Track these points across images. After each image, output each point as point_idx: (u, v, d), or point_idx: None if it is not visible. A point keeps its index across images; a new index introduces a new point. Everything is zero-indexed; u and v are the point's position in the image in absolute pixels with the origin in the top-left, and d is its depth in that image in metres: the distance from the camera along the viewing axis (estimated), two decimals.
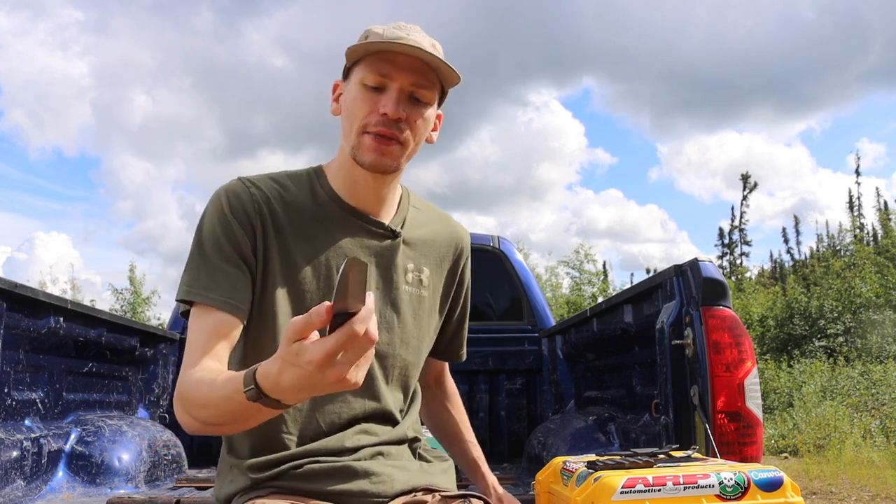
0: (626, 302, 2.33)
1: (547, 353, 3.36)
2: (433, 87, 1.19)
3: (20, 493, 1.98)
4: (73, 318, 2.33)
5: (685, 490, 0.99)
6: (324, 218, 1.22)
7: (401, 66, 1.15)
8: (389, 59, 1.15)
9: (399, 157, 1.18)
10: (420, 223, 1.33)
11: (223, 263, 1.14)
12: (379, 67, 1.15)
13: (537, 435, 2.81)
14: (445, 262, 1.35)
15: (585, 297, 19.46)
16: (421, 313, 1.30)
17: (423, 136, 1.21)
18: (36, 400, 2.20)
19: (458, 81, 1.20)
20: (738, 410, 1.73)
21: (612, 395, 2.69)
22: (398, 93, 1.15)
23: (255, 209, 1.18)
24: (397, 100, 1.15)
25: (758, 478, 1.01)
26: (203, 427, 1.05)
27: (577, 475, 1.13)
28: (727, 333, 1.77)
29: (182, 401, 1.06)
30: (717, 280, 1.82)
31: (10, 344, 2.03)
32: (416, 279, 1.30)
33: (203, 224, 1.18)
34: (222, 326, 1.11)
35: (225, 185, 1.21)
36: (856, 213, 23.12)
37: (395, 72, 1.15)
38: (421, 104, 1.18)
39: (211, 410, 1.01)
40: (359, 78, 1.17)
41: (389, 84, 1.16)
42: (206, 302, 1.12)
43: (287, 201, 1.21)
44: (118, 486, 2.29)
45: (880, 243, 20.67)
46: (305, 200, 1.22)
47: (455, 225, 1.40)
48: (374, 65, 1.15)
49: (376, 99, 1.15)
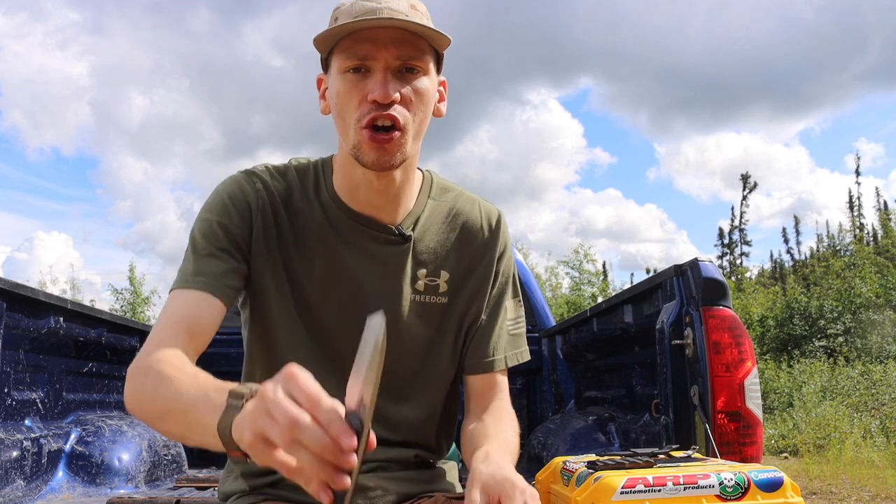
0: (626, 302, 2.34)
1: (547, 353, 3.36)
2: (424, 53, 1.04)
3: (20, 493, 1.98)
4: (73, 318, 2.33)
5: (685, 490, 0.99)
6: (325, 223, 1.13)
7: (381, 41, 1.01)
8: (366, 36, 1.01)
9: (403, 147, 1.05)
10: (439, 218, 1.19)
11: (214, 250, 1.06)
12: (357, 50, 1.02)
13: (537, 435, 2.81)
14: (476, 257, 1.20)
15: (585, 297, 19.45)
16: (436, 322, 1.18)
17: (426, 111, 1.08)
18: (36, 400, 2.20)
19: (449, 43, 1.07)
20: (738, 410, 1.73)
21: (612, 396, 2.69)
22: (384, 72, 1.02)
23: (258, 205, 1.10)
24: (384, 80, 1.01)
25: (758, 478, 1.01)
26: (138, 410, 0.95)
27: (577, 475, 1.12)
28: (727, 333, 1.77)
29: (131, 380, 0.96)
30: (717, 280, 1.82)
31: (11, 344, 2.03)
32: (430, 286, 1.17)
33: (200, 213, 1.11)
34: (199, 307, 1.02)
35: (231, 176, 1.14)
36: (856, 213, 23.13)
37: (376, 49, 1.01)
38: (414, 75, 1.04)
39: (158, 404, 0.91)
40: (338, 66, 1.04)
41: (373, 65, 1.02)
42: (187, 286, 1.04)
43: (290, 202, 1.13)
44: (118, 486, 2.29)
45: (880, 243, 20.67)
46: (309, 202, 1.13)
47: (486, 209, 1.24)
48: (350, 48, 1.02)
49: (362, 85, 1.02)
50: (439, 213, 1.19)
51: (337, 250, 1.13)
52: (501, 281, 1.23)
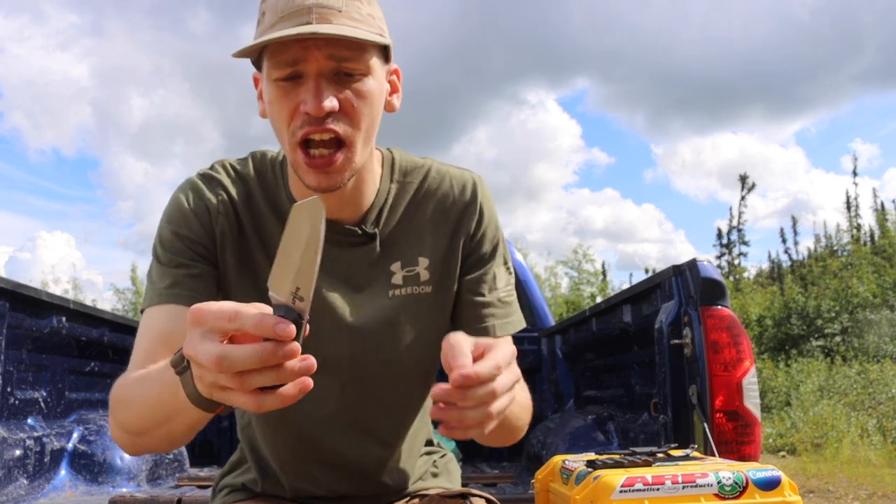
0: (624, 302, 2.35)
1: (546, 353, 3.37)
2: (362, 52, 0.91)
3: (23, 492, 1.99)
4: (75, 317, 2.34)
5: (684, 489, 1.00)
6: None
7: (310, 43, 0.88)
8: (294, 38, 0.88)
9: (348, 164, 0.94)
10: (406, 203, 1.09)
11: (180, 260, 1.00)
12: (284, 56, 0.89)
13: (537, 434, 2.82)
14: (456, 233, 1.10)
15: (584, 297, 19.46)
16: (425, 313, 1.09)
17: (374, 113, 0.96)
18: (38, 399, 2.21)
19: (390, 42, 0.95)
20: (736, 410, 1.74)
21: (611, 395, 2.71)
22: (316, 79, 0.90)
23: (217, 210, 1.03)
24: (317, 89, 0.89)
25: (756, 477, 1.02)
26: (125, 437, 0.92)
27: (577, 474, 1.14)
28: (725, 333, 1.78)
29: (111, 406, 0.93)
30: (715, 280, 1.83)
31: (13, 343, 2.04)
32: (409, 277, 1.07)
33: (161, 223, 1.03)
34: (175, 320, 0.95)
35: (188, 179, 1.06)
36: (853, 214, 23.15)
37: (305, 52, 0.89)
38: (353, 79, 0.92)
39: (131, 408, 0.88)
40: (267, 73, 0.93)
41: (304, 69, 0.90)
42: (155, 301, 0.97)
43: (251, 204, 1.05)
44: (120, 484, 2.30)
45: (877, 243, 20.69)
46: (270, 205, 1.05)
47: (458, 179, 1.12)
48: (277, 54, 0.90)
49: (295, 94, 0.91)
50: (406, 198, 1.08)
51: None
52: (487, 247, 1.11)
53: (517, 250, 3.73)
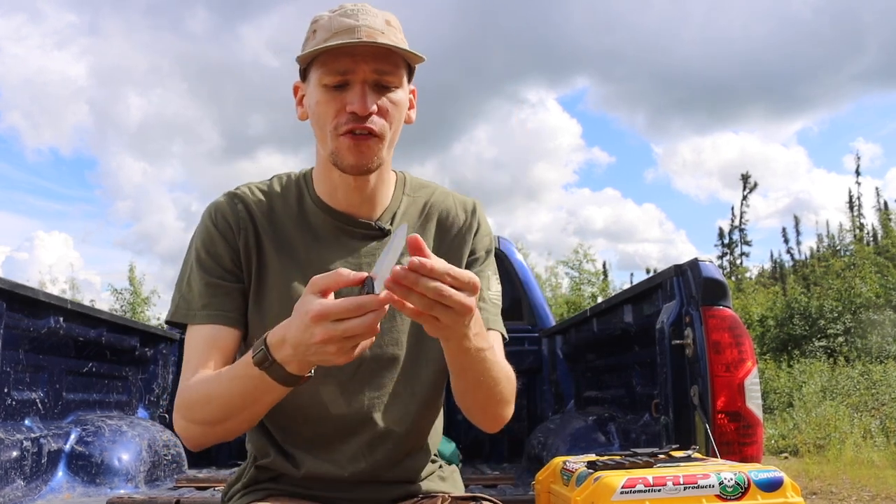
0: (626, 302, 2.34)
1: (547, 353, 3.36)
2: (398, 68, 1.11)
3: (20, 493, 1.98)
4: (72, 318, 2.33)
5: (685, 490, 0.99)
6: (308, 225, 1.19)
7: (359, 56, 1.07)
8: (345, 51, 1.07)
9: (379, 152, 1.12)
10: (415, 212, 1.24)
11: (211, 279, 1.14)
12: (336, 65, 1.08)
13: (537, 435, 2.81)
14: (454, 245, 1.24)
15: (585, 297, 19.45)
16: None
17: (399, 121, 1.15)
18: (36, 400, 2.20)
19: (422, 60, 1.13)
20: (738, 410, 1.73)
21: (612, 395, 2.69)
22: (362, 86, 1.08)
23: (241, 224, 1.17)
24: (363, 94, 1.08)
25: (758, 478, 1.01)
26: (204, 431, 1.06)
27: (577, 475, 1.13)
28: (727, 333, 1.77)
29: (182, 408, 1.07)
30: (717, 280, 1.82)
31: (10, 344, 2.03)
32: None
33: (192, 243, 1.19)
34: (217, 338, 1.12)
35: (213, 202, 1.21)
36: (855, 213, 23.13)
37: (354, 64, 1.07)
38: (389, 90, 1.11)
39: (214, 403, 1.02)
40: (317, 79, 1.10)
41: (351, 79, 1.09)
42: (195, 321, 1.13)
43: (272, 213, 1.19)
44: (118, 486, 2.29)
45: (880, 243, 20.68)
46: (291, 210, 1.20)
47: (459, 200, 1.29)
48: (329, 63, 1.08)
49: (341, 97, 1.09)
50: (415, 208, 1.25)
51: (319, 250, 1.18)
52: (482, 255, 1.27)
53: (517, 250, 3.71)
